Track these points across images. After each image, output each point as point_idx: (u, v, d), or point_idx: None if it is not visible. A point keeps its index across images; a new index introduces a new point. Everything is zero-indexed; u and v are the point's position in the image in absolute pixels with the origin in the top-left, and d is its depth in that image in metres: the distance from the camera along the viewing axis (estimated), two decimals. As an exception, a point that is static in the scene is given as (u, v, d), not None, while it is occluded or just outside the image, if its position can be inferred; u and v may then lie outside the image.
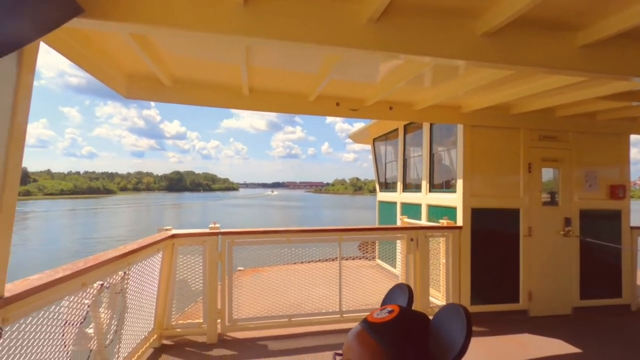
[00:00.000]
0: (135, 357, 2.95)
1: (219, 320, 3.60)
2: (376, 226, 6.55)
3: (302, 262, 4.20)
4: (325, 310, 3.91)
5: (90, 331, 2.25)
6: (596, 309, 4.38)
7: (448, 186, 4.96)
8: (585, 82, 2.89)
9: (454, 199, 4.39)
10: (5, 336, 1.52)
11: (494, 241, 4.25)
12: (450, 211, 4.47)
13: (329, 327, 3.82)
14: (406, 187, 6.21)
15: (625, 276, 4.52)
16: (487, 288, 4.21)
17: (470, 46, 2.00)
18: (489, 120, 4.14)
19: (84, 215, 54.30)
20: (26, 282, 1.67)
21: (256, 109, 3.55)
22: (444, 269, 4.19)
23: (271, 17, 1.73)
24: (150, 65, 2.61)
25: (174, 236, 3.52)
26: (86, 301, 2.19)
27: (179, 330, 3.55)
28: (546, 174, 4.48)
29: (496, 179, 4.27)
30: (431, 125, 5.20)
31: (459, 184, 4.25)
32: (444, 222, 4.23)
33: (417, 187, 5.73)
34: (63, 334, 2.01)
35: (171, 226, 3.65)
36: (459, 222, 4.22)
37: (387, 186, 7.23)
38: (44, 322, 1.82)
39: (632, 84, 2.73)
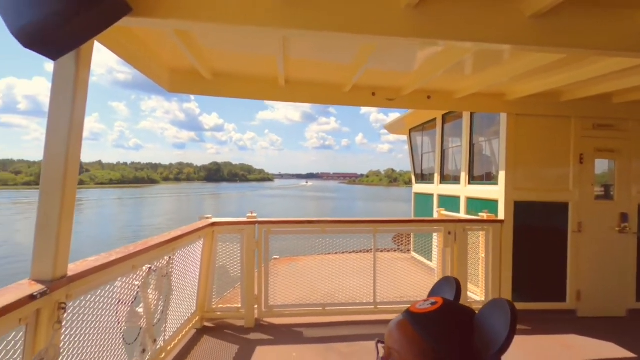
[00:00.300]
0: (180, 337, 3.15)
1: (256, 306, 3.74)
2: (412, 218, 6.44)
3: (336, 253, 4.24)
4: (359, 300, 3.93)
5: (140, 310, 2.43)
6: None
7: (489, 178, 4.75)
8: None
9: (495, 191, 4.20)
10: (69, 311, 1.68)
11: (538, 236, 4.02)
12: (491, 204, 4.28)
13: (363, 318, 3.84)
14: (444, 179, 6.02)
15: None
16: (530, 285, 4.01)
17: (517, 29, 1.87)
18: (536, 108, 3.89)
19: (131, 203, 58.02)
20: (85, 263, 1.83)
21: (292, 100, 3.58)
22: (483, 263, 4.04)
23: (309, 7, 1.73)
24: (191, 59, 2.71)
25: (214, 224, 3.67)
26: (136, 282, 2.36)
27: (219, 313, 3.73)
28: (600, 165, 4.15)
29: (542, 170, 4.02)
30: (472, 114, 4.97)
31: (501, 175, 4.05)
32: (484, 215, 4.07)
33: (456, 179, 5.54)
34: (117, 312, 2.19)
35: (211, 215, 3.81)
36: (501, 215, 4.03)
37: (424, 178, 7.05)
38: (100, 300, 1.99)
39: None
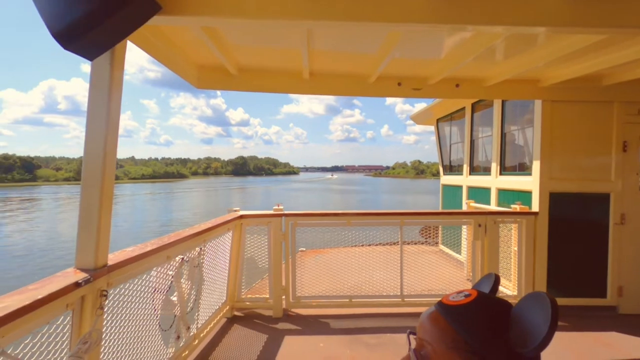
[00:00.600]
0: (212, 325, 3.27)
1: (283, 297, 3.81)
2: (440, 210, 6.30)
3: (362, 245, 4.23)
4: (385, 293, 3.91)
5: (174, 299, 2.54)
6: None
7: (522, 168, 4.56)
8: None
9: (529, 182, 4.02)
10: (110, 298, 1.79)
11: (576, 228, 3.83)
12: (524, 195, 4.11)
13: (389, 310, 3.83)
14: (473, 170, 5.84)
15: None
16: (566, 279, 3.83)
17: (554, 10, 1.75)
18: (573, 94, 3.67)
19: (162, 198, 60.42)
20: (124, 253, 1.93)
21: (316, 92, 3.57)
22: (515, 257, 3.90)
23: None
24: (218, 55, 2.76)
25: (242, 217, 3.76)
26: (170, 272, 2.47)
27: (248, 303, 3.84)
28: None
29: (581, 160, 3.80)
30: (503, 102, 4.77)
31: (536, 165, 3.87)
32: (516, 207, 3.91)
33: (486, 170, 5.36)
34: (153, 300, 2.30)
35: (239, 208, 3.90)
36: (535, 207, 3.86)
37: (452, 169, 6.87)
38: (138, 288, 2.10)
39: None
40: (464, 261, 4.76)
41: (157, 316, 2.35)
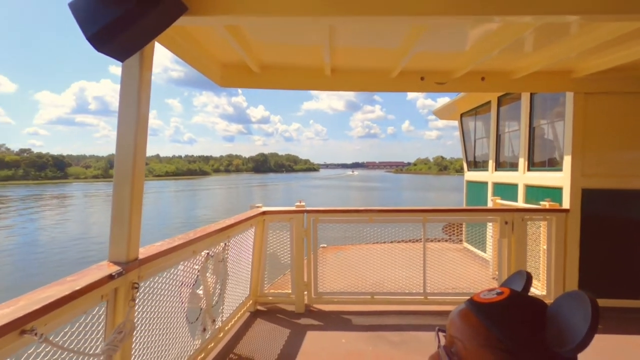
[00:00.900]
0: (236, 318, 3.35)
1: (305, 292, 3.84)
2: (464, 207, 6.15)
3: (384, 242, 4.19)
4: (408, 290, 3.87)
5: (200, 292, 2.61)
6: None
7: (552, 164, 4.38)
8: None
9: (559, 178, 3.86)
10: (141, 290, 1.86)
11: (611, 226, 3.65)
12: (554, 192, 3.95)
13: (412, 308, 3.78)
14: (499, 166, 5.67)
15: None
16: (599, 280, 3.67)
17: None
18: (610, 85, 3.48)
19: (186, 195, 62.08)
20: (153, 247, 2.00)
21: (338, 89, 3.55)
22: (544, 255, 3.77)
23: None
24: (241, 53, 2.79)
25: (264, 213, 3.81)
26: (196, 267, 2.54)
27: (270, 298, 3.90)
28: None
29: (617, 155, 3.61)
30: (532, 95, 4.59)
31: (567, 161, 3.71)
32: (545, 204, 3.77)
33: (513, 166, 5.19)
34: (180, 293, 2.38)
35: (261, 204, 3.96)
36: (566, 204, 3.71)
37: (477, 165, 6.69)
38: (166, 282, 2.17)
39: None
40: (490, 259, 4.63)
41: (184, 309, 2.43)
